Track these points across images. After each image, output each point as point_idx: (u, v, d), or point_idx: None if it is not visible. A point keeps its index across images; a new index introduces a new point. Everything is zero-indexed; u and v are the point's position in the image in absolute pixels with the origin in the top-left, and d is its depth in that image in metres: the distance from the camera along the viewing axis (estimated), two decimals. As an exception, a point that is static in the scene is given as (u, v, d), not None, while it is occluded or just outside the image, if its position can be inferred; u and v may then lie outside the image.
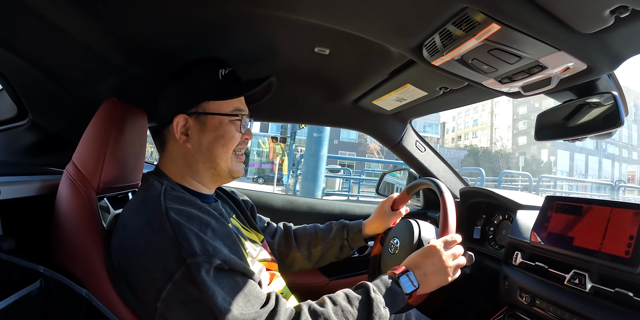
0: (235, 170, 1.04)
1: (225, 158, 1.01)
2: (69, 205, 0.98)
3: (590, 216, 0.98)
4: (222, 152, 1.01)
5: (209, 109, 1.00)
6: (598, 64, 0.81)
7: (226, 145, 1.00)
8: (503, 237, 1.41)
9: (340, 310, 0.88)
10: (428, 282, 0.97)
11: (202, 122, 0.99)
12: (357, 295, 0.92)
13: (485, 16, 0.69)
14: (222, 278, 0.82)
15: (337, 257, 1.38)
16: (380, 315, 0.89)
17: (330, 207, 1.91)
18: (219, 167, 1.02)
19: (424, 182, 1.27)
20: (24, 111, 1.32)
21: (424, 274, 0.98)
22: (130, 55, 1.16)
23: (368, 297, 0.91)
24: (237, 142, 1.02)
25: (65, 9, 0.90)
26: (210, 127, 1.00)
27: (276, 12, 0.91)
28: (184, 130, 0.99)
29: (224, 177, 1.04)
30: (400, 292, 0.94)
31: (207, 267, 0.80)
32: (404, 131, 1.77)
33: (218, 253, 0.82)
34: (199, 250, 0.80)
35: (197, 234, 0.83)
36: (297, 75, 1.39)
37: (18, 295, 0.79)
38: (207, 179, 1.03)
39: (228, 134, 1.00)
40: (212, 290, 0.78)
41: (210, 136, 1.00)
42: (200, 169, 1.01)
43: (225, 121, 1.00)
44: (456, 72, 0.96)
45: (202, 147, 1.00)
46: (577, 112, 1.01)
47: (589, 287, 0.91)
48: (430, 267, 0.98)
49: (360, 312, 0.88)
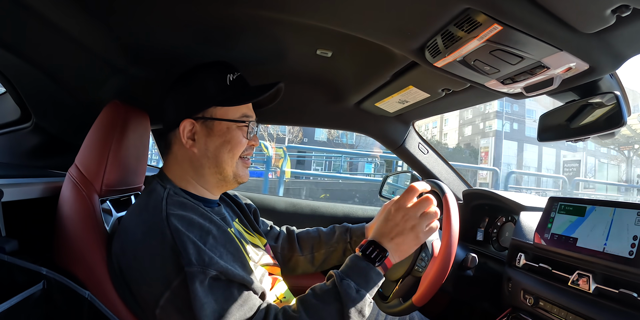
0: (241, 175, 1.04)
1: (232, 163, 1.01)
2: (71, 208, 0.99)
3: (593, 217, 0.97)
4: (229, 157, 1.01)
5: (216, 114, 1.00)
6: (600, 64, 0.81)
7: (232, 150, 1.00)
8: (506, 238, 1.40)
9: (313, 311, 0.85)
10: (397, 245, 0.92)
11: (209, 127, 0.99)
12: (325, 288, 0.88)
13: (486, 17, 0.69)
14: (217, 289, 0.81)
15: (340, 260, 1.37)
16: (354, 299, 0.84)
17: (333, 209, 1.91)
18: (225, 172, 1.01)
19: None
20: (27, 114, 1.33)
21: (390, 239, 0.92)
22: (134, 58, 1.16)
23: (334, 286, 0.87)
24: (243, 148, 1.02)
25: (70, 12, 0.90)
26: (217, 133, 1.00)
27: (278, 15, 0.91)
28: (190, 135, 0.99)
29: (229, 182, 1.04)
30: (366, 266, 0.90)
31: (201, 277, 0.79)
32: (406, 133, 1.77)
33: (214, 264, 0.81)
34: (194, 259, 0.80)
35: (195, 243, 0.82)
36: (299, 77, 1.39)
37: (21, 297, 0.79)
38: (212, 183, 1.03)
39: (235, 140, 1.00)
40: (202, 302, 0.78)
41: (217, 141, 1.00)
42: (206, 173, 1.01)
43: (232, 127, 1.01)
44: (458, 73, 0.96)
45: (208, 152, 1.00)
46: (579, 112, 1.01)
47: (593, 288, 0.90)
48: (394, 229, 0.93)
49: (333, 304, 0.84)
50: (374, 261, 0.90)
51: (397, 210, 0.94)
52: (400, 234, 0.92)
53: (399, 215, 0.93)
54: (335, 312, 0.83)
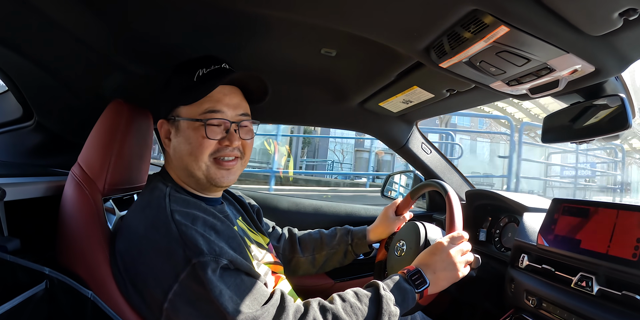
0: (215, 178, 0.97)
1: (197, 166, 0.95)
2: (74, 207, 0.99)
3: (597, 219, 0.97)
4: (191, 160, 0.95)
5: (182, 113, 0.97)
6: (606, 67, 0.81)
7: (193, 152, 0.94)
8: (509, 239, 1.40)
9: (349, 306, 0.88)
10: (438, 279, 0.97)
11: (177, 127, 0.98)
12: (366, 293, 0.92)
13: (493, 18, 0.69)
14: (228, 277, 0.82)
15: (341, 262, 1.38)
16: (390, 312, 0.89)
17: (336, 209, 1.91)
18: (195, 175, 0.96)
19: (426, 185, 1.26)
20: (29, 112, 1.32)
21: (433, 272, 0.97)
22: (136, 56, 1.16)
23: (378, 294, 0.91)
24: (207, 149, 0.94)
25: (71, 9, 0.90)
26: (181, 133, 0.97)
27: (283, 14, 0.90)
28: (167, 135, 1.00)
29: (205, 185, 0.99)
30: (410, 290, 0.94)
31: (213, 266, 0.80)
32: (410, 133, 1.77)
33: (225, 253, 0.82)
34: (206, 249, 0.80)
35: (203, 235, 0.83)
36: (303, 76, 1.39)
37: (24, 297, 0.79)
38: (193, 185, 1.00)
39: (192, 140, 0.94)
40: (219, 289, 0.78)
41: (179, 142, 0.97)
42: (182, 175, 1.00)
43: (191, 126, 0.95)
44: (464, 74, 0.96)
45: (175, 153, 0.98)
46: (583, 114, 1.00)
47: (596, 290, 0.90)
48: (439, 264, 0.98)
49: (370, 309, 0.88)
50: (416, 287, 0.96)
51: (445, 246, 1.00)
52: (443, 270, 0.98)
53: (445, 252, 0.99)
54: (370, 316, 0.88)
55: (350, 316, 0.87)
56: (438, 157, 1.82)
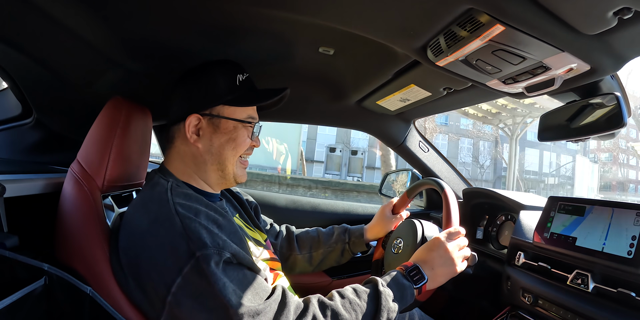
0: (239, 175, 1.06)
1: (233, 161, 1.03)
2: (73, 204, 0.99)
3: (592, 216, 0.98)
4: (231, 155, 1.02)
5: (224, 113, 1.01)
6: (601, 65, 0.81)
7: (236, 148, 1.02)
8: (506, 237, 1.41)
9: (349, 302, 0.89)
10: (436, 275, 0.98)
11: (215, 124, 1.01)
12: (365, 289, 0.93)
13: (489, 17, 0.70)
14: (231, 271, 0.83)
15: (338, 261, 1.39)
16: (389, 308, 0.89)
17: (334, 207, 1.91)
18: (227, 169, 1.03)
19: (423, 183, 1.27)
20: (28, 109, 1.33)
21: (431, 268, 0.98)
22: (135, 54, 1.16)
23: (376, 290, 0.92)
24: (247, 147, 1.05)
25: (71, 7, 0.90)
26: (223, 130, 1.01)
27: (281, 12, 0.91)
28: (195, 130, 1.00)
29: (228, 181, 1.06)
30: (408, 286, 0.95)
31: (217, 259, 0.81)
32: (407, 132, 1.77)
33: (228, 246, 0.83)
34: (209, 242, 0.81)
35: (206, 228, 0.84)
36: (301, 75, 1.39)
37: (22, 293, 0.79)
38: (213, 180, 1.04)
39: (240, 139, 1.02)
40: (222, 282, 0.79)
41: (222, 138, 1.01)
42: (209, 169, 1.02)
43: (239, 126, 1.02)
44: (460, 72, 0.96)
45: (212, 148, 1.01)
46: (580, 113, 1.01)
47: (591, 288, 0.91)
48: (437, 260, 0.99)
49: (369, 305, 0.89)
50: (414, 283, 0.97)
51: (442, 242, 1.01)
52: (441, 265, 0.99)
53: (442, 247, 1.01)
54: (369, 312, 0.89)
55: (350, 312, 0.87)
56: (435, 156, 1.82)
